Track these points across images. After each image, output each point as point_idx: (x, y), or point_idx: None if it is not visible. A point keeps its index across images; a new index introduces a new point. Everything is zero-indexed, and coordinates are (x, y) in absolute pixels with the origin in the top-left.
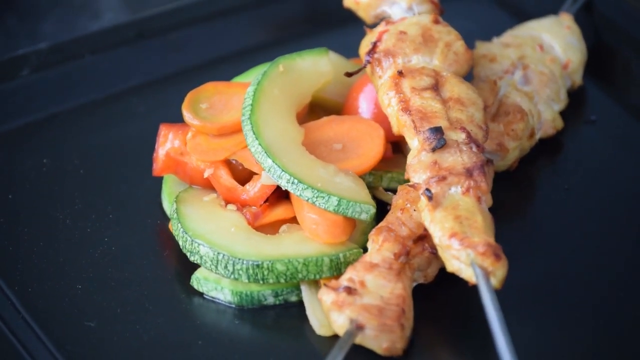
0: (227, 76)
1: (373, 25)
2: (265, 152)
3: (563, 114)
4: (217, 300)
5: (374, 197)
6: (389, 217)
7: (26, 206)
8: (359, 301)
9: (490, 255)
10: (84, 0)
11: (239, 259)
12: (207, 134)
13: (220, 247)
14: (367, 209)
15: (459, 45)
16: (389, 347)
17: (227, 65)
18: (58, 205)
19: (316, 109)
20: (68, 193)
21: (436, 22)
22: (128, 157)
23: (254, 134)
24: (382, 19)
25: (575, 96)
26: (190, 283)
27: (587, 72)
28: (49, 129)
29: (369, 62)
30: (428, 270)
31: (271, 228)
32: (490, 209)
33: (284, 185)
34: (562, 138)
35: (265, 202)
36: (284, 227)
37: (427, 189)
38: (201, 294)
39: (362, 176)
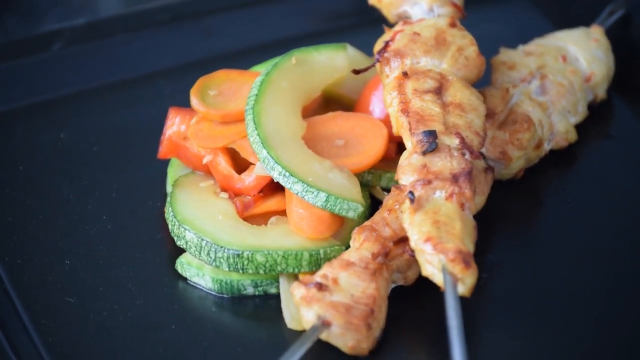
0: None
1: (393, 25)
2: (262, 143)
3: (582, 127)
4: (199, 287)
5: (372, 196)
6: (375, 217)
7: (33, 178)
8: (328, 298)
9: (459, 262)
10: None
11: (221, 247)
12: (211, 120)
13: (205, 233)
14: (355, 207)
15: (472, 50)
16: (354, 345)
17: (259, 54)
18: (65, 181)
19: (332, 104)
20: (77, 169)
21: (452, 25)
22: (143, 138)
23: (254, 124)
24: (404, 18)
25: (598, 110)
26: (175, 267)
27: (615, 87)
28: (72, 104)
29: (378, 60)
30: (408, 273)
31: (262, 219)
32: (491, 216)
33: (276, 177)
34: (577, 151)
35: (259, 192)
36: (272, 219)
37: (411, 192)
38: (185, 279)
39: (360, 174)
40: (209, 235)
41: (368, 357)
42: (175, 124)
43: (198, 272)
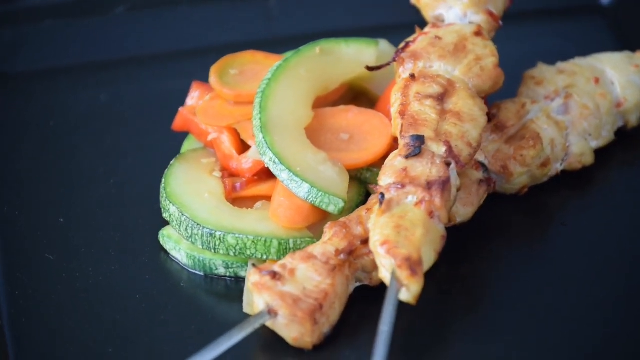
0: None
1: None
2: (261, 127)
3: (608, 152)
4: (176, 261)
5: (368, 194)
6: (352, 214)
7: (59, 133)
8: (279, 287)
9: (406, 269)
10: None
11: (197, 224)
12: (224, 99)
13: (186, 208)
14: (336, 202)
15: (490, 61)
16: (297, 338)
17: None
18: (87, 141)
19: (361, 98)
20: (103, 132)
21: (477, 34)
22: (175, 110)
23: (260, 107)
24: (439, 21)
25: (629, 137)
26: (158, 238)
27: None
28: (121, 68)
29: (394, 60)
30: (373, 273)
31: (252, 202)
32: (484, 228)
33: (267, 163)
34: (596, 175)
35: (254, 176)
36: (258, 203)
37: (382, 193)
38: (167, 252)
39: (360, 171)
40: (188, 211)
41: (311, 352)
42: (194, 99)
43: (176, 246)
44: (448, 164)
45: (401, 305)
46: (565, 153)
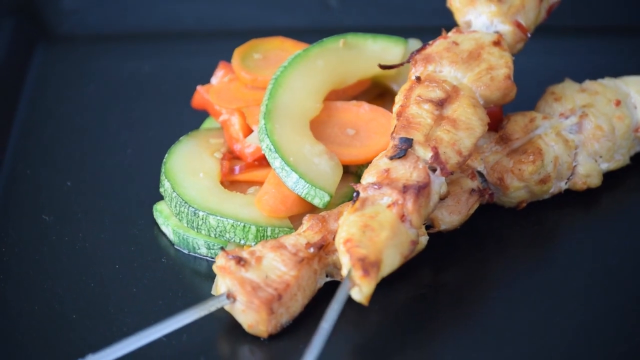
0: None
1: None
2: (265, 113)
3: (620, 175)
4: (166, 236)
5: None
6: (334, 209)
7: (93, 99)
8: (241, 273)
9: (359, 269)
10: None
11: (185, 202)
12: (242, 82)
13: (177, 186)
14: (322, 196)
15: (501, 72)
16: (252, 325)
17: None
18: (117, 109)
19: (387, 96)
20: (135, 102)
21: (496, 43)
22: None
23: (270, 94)
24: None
25: None
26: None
27: None
28: (169, 41)
29: (408, 60)
30: (342, 270)
31: (247, 187)
32: (478, 237)
33: (263, 150)
34: (602, 198)
35: (255, 161)
36: (251, 188)
37: (357, 192)
38: (159, 227)
39: (359, 167)
40: (179, 188)
41: (266, 341)
42: (217, 78)
43: (165, 221)
44: (434, 170)
45: (382, 309)
46: (571, 172)
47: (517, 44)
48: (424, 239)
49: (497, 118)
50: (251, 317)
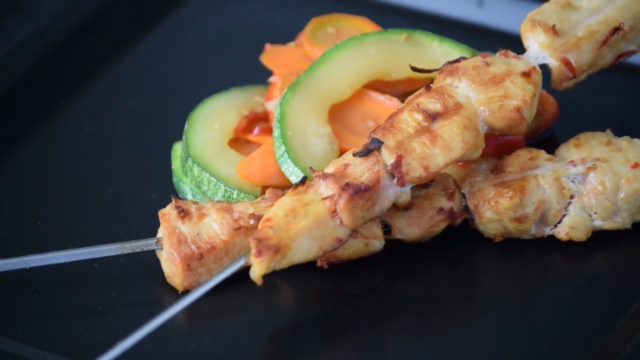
0: None
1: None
2: (293, 84)
3: (619, 238)
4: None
5: None
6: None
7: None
8: (176, 224)
9: (254, 247)
10: None
11: (185, 146)
12: (303, 50)
13: (189, 130)
14: (299, 174)
15: (513, 103)
16: (169, 276)
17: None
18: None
19: None
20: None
21: (525, 74)
22: None
23: (310, 68)
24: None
25: None
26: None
27: None
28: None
29: (440, 69)
30: None
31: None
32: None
33: (275, 116)
34: (595, 252)
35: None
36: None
37: (305, 177)
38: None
39: None
40: (189, 133)
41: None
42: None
43: (174, 161)
44: (391, 176)
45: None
46: (558, 220)
47: (562, 81)
48: (377, 243)
49: (517, 147)
50: (168, 268)
